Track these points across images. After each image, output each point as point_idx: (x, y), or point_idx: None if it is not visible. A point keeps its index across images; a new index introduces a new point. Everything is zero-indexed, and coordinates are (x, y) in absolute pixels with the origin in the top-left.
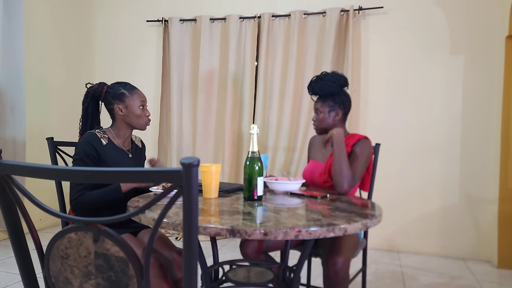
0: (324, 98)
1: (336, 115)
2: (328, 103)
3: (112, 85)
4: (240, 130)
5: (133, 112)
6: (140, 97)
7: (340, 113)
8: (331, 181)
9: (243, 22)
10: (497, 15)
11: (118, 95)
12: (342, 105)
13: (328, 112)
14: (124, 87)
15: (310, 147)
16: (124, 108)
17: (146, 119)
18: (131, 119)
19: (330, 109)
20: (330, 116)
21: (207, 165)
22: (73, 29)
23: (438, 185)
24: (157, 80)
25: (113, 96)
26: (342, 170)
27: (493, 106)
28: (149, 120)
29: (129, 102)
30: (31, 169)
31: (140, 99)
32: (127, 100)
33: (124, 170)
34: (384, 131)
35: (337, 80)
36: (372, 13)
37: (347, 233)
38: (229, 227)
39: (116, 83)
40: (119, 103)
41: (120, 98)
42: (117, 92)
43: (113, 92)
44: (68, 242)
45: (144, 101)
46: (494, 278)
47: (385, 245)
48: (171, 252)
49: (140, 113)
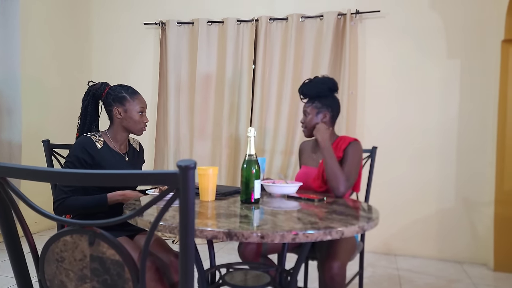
0: (312, 100)
1: (323, 117)
2: (315, 104)
3: (115, 87)
4: (237, 133)
5: (131, 117)
6: (140, 103)
7: (327, 115)
8: (325, 186)
9: (241, 25)
10: (493, 20)
11: (119, 98)
12: (330, 107)
13: (316, 114)
14: (126, 91)
15: (300, 153)
16: (123, 111)
17: (143, 124)
18: (129, 123)
19: (318, 110)
20: (317, 118)
21: (204, 168)
22: (69, 32)
23: (435, 189)
24: (154, 82)
25: (113, 99)
26: (335, 174)
27: (489, 109)
28: (146, 126)
29: (129, 107)
30: (26, 172)
31: (140, 105)
32: (127, 104)
33: (120, 172)
34: (381, 134)
35: (325, 82)
36: (369, 16)
37: (344, 236)
38: (226, 230)
39: (119, 85)
40: (119, 106)
41: (120, 101)
42: (118, 95)
43: (114, 94)
44: (63, 245)
45: (144, 107)
46: (490, 281)
47: (382, 248)
48: (168, 255)
49: (138, 118)
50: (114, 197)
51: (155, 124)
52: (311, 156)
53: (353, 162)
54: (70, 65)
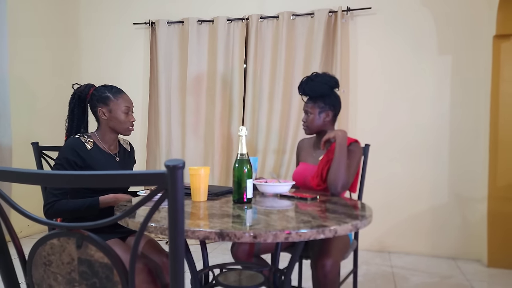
0: (315, 99)
1: (326, 116)
2: (318, 104)
3: (99, 88)
4: (230, 133)
5: (116, 117)
6: (125, 102)
7: (330, 114)
8: (323, 184)
9: (231, 24)
10: (484, 15)
11: (103, 98)
12: (333, 106)
13: (318, 113)
14: (110, 91)
15: (299, 150)
16: (108, 112)
17: (129, 124)
18: (114, 123)
19: (321, 110)
20: (320, 117)
21: (196, 168)
22: (58, 33)
23: (428, 186)
24: (145, 83)
25: (98, 99)
26: (339, 171)
27: (481, 105)
28: (132, 126)
29: (113, 107)
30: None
31: (125, 104)
32: (111, 104)
33: (108, 173)
34: (373, 132)
35: (328, 81)
36: (360, 14)
37: (337, 234)
38: (218, 231)
39: (103, 85)
40: (103, 106)
41: (104, 101)
42: (102, 95)
43: (98, 94)
44: (50, 249)
45: (129, 107)
46: (484, 277)
47: (376, 246)
48: (161, 257)
49: (124, 118)
50: (106, 199)
51: (146, 125)
52: (311, 153)
53: (352, 163)
54: (59, 67)
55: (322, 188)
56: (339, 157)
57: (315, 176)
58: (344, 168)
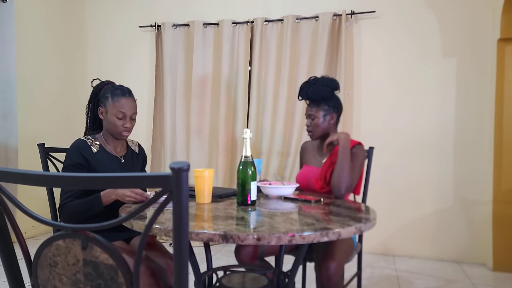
0: (318, 103)
1: (331, 119)
2: (322, 107)
3: (108, 87)
4: (234, 135)
5: (109, 120)
6: (122, 107)
7: (334, 116)
8: (327, 187)
9: (236, 27)
10: (489, 18)
11: (103, 98)
12: (336, 108)
13: (323, 116)
14: (112, 92)
15: (302, 153)
16: (105, 113)
17: (122, 129)
18: (108, 125)
19: (325, 113)
20: (325, 120)
21: (200, 170)
22: (65, 35)
23: (432, 188)
24: (150, 85)
25: (100, 99)
26: (343, 174)
27: (486, 108)
28: (125, 131)
29: (109, 109)
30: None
31: (121, 110)
32: (108, 106)
33: (114, 175)
34: (377, 134)
35: (329, 84)
36: (365, 17)
37: (341, 237)
38: (222, 233)
39: (113, 85)
40: (102, 106)
41: (103, 102)
42: (104, 95)
43: (102, 94)
44: (56, 250)
45: (125, 112)
46: (489, 281)
47: (380, 249)
48: (165, 259)
49: (116, 122)
50: (107, 194)
51: (151, 126)
52: (314, 155)
53: (355, 166)
54: (65, 68)
55: (325, 191)
56: (342, 159)
57: (318, 179)
58: (348, 171)
